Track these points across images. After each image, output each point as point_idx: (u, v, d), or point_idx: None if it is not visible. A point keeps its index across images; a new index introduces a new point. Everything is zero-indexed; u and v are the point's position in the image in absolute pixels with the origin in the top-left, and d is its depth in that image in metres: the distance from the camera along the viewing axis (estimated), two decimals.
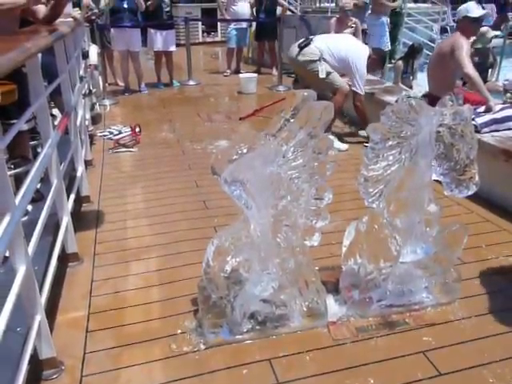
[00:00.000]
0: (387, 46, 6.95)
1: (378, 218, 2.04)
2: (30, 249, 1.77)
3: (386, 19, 7.00)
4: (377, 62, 4.65)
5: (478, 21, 4.08)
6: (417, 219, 2.09)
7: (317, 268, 2.43)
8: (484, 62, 5.54)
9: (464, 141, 1.93)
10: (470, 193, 2.01)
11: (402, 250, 2.12)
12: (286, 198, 1.82)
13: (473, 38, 5.46)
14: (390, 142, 1.91)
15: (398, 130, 1.90)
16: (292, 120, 1.77)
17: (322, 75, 4.39)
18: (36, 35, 2.37)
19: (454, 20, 12.46)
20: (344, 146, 4.48)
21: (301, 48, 4.49)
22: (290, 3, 10.79)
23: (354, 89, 4.51)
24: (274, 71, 7.84)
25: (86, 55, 4.86)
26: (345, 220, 2.51)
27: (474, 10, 4.03)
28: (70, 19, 3.72)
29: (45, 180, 2.74)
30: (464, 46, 3.88)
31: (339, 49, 4.49)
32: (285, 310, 2.03)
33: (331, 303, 2.18)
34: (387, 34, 7.03)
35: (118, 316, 2.19)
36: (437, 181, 2.07)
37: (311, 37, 4.66)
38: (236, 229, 1.91)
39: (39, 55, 2.33)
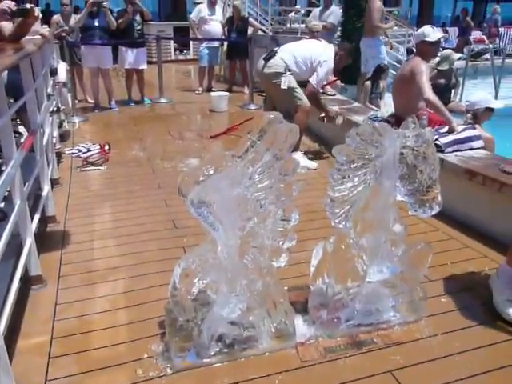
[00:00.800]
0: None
1: (344, 238, 2.07)
2: None
3: (382, 38, 7.12)
4: (345, 57, 4.71)
5: (436, 44, 4.16)
6: (382, 239, 2.12)
7: (286, 288, 2.43)
8: (448, 83, 5.73)
9: (426, 162, 1.98)
10: (434, 212, 2.06)
11: (369, 269, 2.14)
12: (252, 219, 1.82)
13: (437, 59, 5.66)
14: (356, 164, 1.94)
15: (362, 152, 1.93)
16: (259, 142, 1.78)
17: (283, 86, 4.43)
18: (1, 54, 2.33)
19: None
20: (313, 165, 4.53)
21: (266, 60, 4.55)
22: (261, 23, 10.99)
23: (310, 79, 4.53)
24: (246, 90, 7.91)
25: (54, 72, 4.80)
26: (314, 239, 2.52)
27: (431, 33, 4.11)
28: (38, 36, 3.67)
29: (9, 199, 2.67)
30: (424, 70, 3.97)
31: (304, 53, 4.56)
32: (253, 331, 2.01)
33: (300, 324, 2.17)
34: (384, 51, 7.09)
35: (83, 340, 2.13)
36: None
37: (276, 48, 4.72)
38: (203, 250, 1.90)
39: (4, 73, 2.29)
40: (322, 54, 4.54)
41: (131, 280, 2.60)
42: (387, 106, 5.74)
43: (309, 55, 4.53)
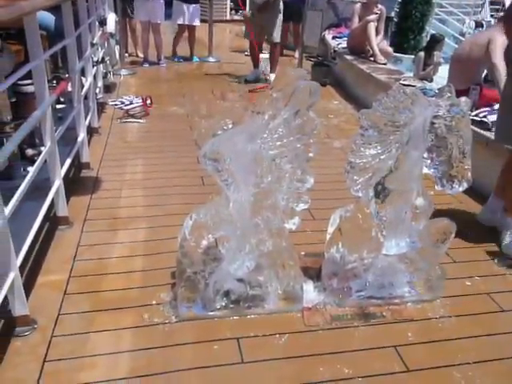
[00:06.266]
0: None
1: (362, 208, 2.00)
2: (10, 207, 1.78)
3: None
4: None
5: None
6: (403, 212, 2.03)
7: (303, 253, 2.43)
8: None
9: (458, 135, 1.86)
10: (461, 189, 1.94)
11: (387, 242, 2.07)
12: (266, 177, 1.78)
13: None
14: (381, 130, 1.85)
15: (389, 118, 1.83)
16: (279, 98, 1.73)
17: None
18: None
19: (491, 15, 12.04)
20: None
21: None
22: None
23: None
24: (296, 54, 7.70)
25: (103, 23, 4.84)
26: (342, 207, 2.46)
27: None
28: None
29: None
30: (499, 40, 3.73)
31: None
32: (260, 291, 2.01)
33: (310, 289, 2.15)
34: None
35: (98, 282, 2.21)
36: None
37: None
38: (216, 205, 1.90)
39: (39, 15, 2.31)
40: None
41: (152, 230, 2.66)
42: (441, 78, 5.44)
43: None
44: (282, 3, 5.91)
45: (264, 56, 6.68)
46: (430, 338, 1.96)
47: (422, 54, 5.71)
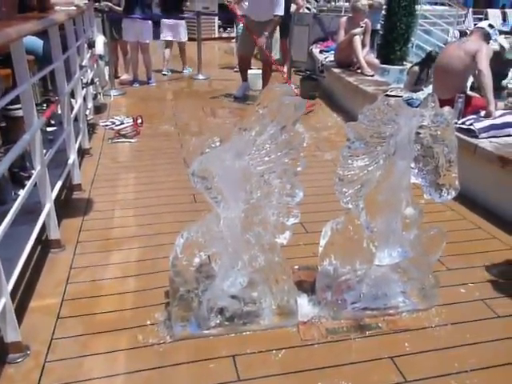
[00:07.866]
0: None
1: (353, 219, 2.01)
2: (0, 231, 1.78)
3: None
4: None
5: None
6: (394, 222, 2.04)
7: (297, 267, 2.43)
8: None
9: (444, 144, 1.88)
10: (450, 197, 1.96)
11: (379, 252, 2.08)
12: (255, 193, 1.79)
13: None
14: (367, 142, 1.87)
15: (375, 130, 1.85)
16: (265, 114, 1.74)
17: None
18: (26, 21, 2.37)
19: (475, 24, 12.22)
20: None
21: None
22: (308, 1, 10.70)
23: None
24: (284, 69, 7.77)
25: (92, 45, 4.88)
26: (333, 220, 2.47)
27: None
28: (73, 8, 3.74)
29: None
30: (485, 49, 3.81)
31: None
32: (254, 307, 2.00)
33: (304, 303, 2.15)
34: None
35: (91, 304, 2.19)
36: None
37: None
38: (207, 222, 1.90)
39: (26, 40, 2.32)
40: None
41: (145, 250, 2.65)
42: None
43: None
44: None
45: (252, 72, 6.74)
46: (427, 347, 1.96)
47: (416, 68, 5.70)
